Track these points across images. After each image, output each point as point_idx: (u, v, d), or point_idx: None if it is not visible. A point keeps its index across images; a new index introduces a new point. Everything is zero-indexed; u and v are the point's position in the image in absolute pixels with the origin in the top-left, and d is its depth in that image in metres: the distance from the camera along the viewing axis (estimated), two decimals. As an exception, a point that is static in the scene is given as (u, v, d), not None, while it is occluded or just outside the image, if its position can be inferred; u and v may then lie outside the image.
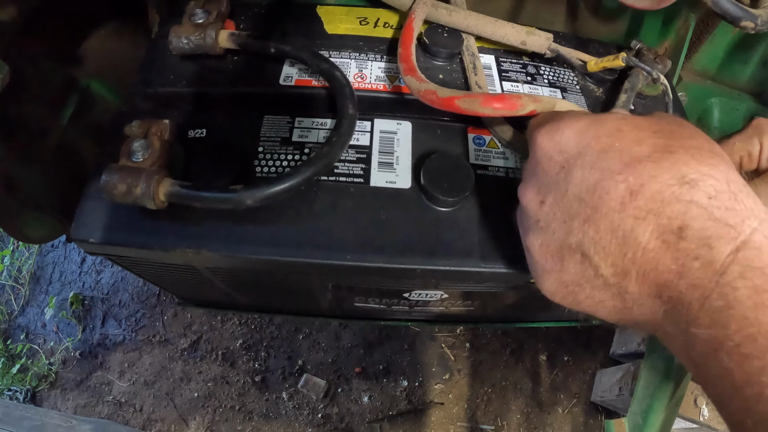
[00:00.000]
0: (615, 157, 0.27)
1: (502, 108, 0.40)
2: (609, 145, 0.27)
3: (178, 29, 0.47)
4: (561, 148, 0.29)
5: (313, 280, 0.55)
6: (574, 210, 0.28)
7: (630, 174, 0.26)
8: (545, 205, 0.30)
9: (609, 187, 0.26)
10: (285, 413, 1.34)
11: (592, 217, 0.27)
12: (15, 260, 1.62)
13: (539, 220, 0.31)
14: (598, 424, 1.32)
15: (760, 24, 0.43)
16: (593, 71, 0.51)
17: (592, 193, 0.27)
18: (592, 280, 0.28)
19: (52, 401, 1.42)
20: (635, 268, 0.26)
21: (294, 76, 0.48)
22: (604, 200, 0.26)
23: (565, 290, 0.31)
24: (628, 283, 0.26)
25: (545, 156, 0.30)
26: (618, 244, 0.26)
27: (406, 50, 0.46)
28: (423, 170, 0.43)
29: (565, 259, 0.29)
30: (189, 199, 0.38)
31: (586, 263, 0.28)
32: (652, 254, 0.25)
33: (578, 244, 0.28)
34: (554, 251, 0.30)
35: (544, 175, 0.30)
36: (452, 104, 0.41)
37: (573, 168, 0.28)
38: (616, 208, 0.26)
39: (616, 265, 0.27)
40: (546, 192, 0.30)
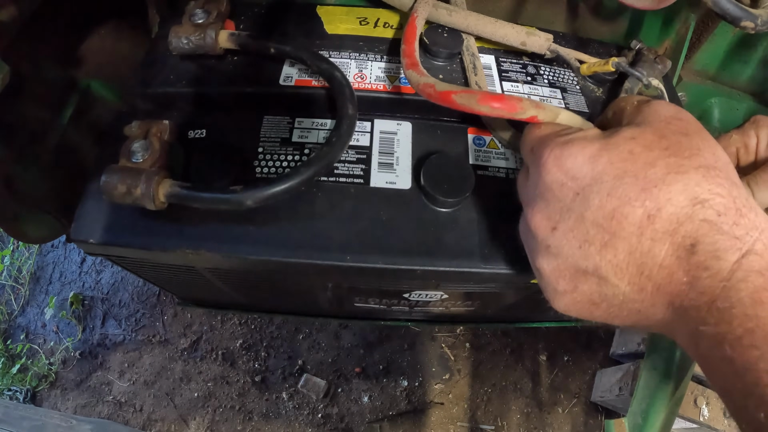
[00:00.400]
0: (631, 183, 0.28)
1: (501, 108, 0.39)
2: (623, 170, 0.28)
3: (178, 29, 0.47)
4: (574, 174, 0.30)
5: (313, 281, 0.55)
6: (591, 236, 0.29)
7: (647, 199, 0.27)
8: (558, 231, 0.31)
9: (627, 213, 0.28)
10: (285, 413, 1.34)
11: (611, 242, 0.28)
12: (15, 260, 1.62)
13: (550, 245, 0.31)
14: (598, 424, 1.32)
15: (760, 24, 0.43)
16: (585, 75, 0.51)
17: (611, 220, 0.28)
18: (610, 299, 0.30)
19: (52, 401, 1.42)
20: (651, 284, 0.28)
21: (294, 76, 0.48)
22: (623, 225, 0.28)
23: (579, 308, 0.32)
24: (644, 296, 0.29)
25: (556, 182, 0.31)
26: (636, 264, 0.28)
27: (410, 46, 0.46)
28: (423, 171, 0.43)
29: (579, 282, 0.31)
30: (189, 199, 0.38)
31: (604, 285, 0.30)
32: (666, 270, 0.27)
33: (595, 268, 0.29)
34: (567, 275, 0.31)
35: (556, 201, 0.31)
36: (449, 99, 0.40)
37: (589, 195, 0.29)
38: (635, 232, 0.28)
39: (633, 283, 0.28)
40: (558, 218, 0.31)
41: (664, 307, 0.28)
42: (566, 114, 0.40)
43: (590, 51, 0.52)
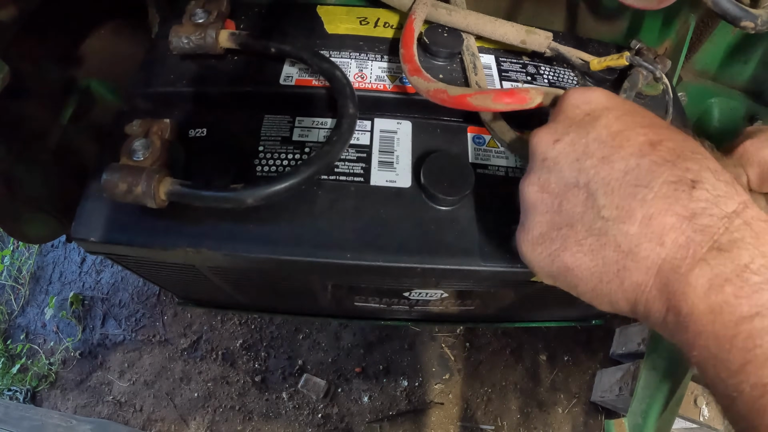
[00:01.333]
0: (639, 119, 0.29)
1: (513, 102, 0.41)
2: (635, 110, 0.30)
3: (178, 29, 0.47)
4: (590, 100, 0.32)
5: (314, 280, 0.55)
6: (591, 149, 0.29)
7: (651, 131, 0.28)
8: (559, 143, 0.31)
9: (631, 136, 0.28)
10: (285, 413, 1.34)
11: (609, 157, 0.28)
12: (15, 260, 1.62)
13: (547, 158, 0.31)
14: (598, 424, 1.32)
15: (760, 24, 0.43)
16: (596, 70, 0.51)
17: (614, 137, 0.29)
18: (591, 222, 0.28)
19: (52, 401, 1.42)
20: (642, 210, 0.26)
21: (294, 75, 0.48)
22: (624, 145, 0.28)
23: (552, 238, 0.30)
24: (630, 226, 0.27)
25: (572, 105, 0.32)
26: (629, 185, 0.27)
27: (409, 51, 0.46)
28: (423, 169, 0.43)
29: (565, 198, 0.30)
30: (189, 198, 0.38)
31: (590, 202, 0.28)
32: (663, 199, 0.26)
33: (586, 182, 0.29)
34: (555, 189, 0.30)
35: (566, 119, 0.32)
36: (464, 102, 0.41)
37: (599, 116, 0.30)
38: (636, 152, 0.28)
39: (621, 207, 0.27)
40: (564, 133, 0.31)
41: (653, 244, 0.26)
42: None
43: (590, 51, 0.53)
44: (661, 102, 0.52)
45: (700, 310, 0.24)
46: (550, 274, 0.31)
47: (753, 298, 0.23)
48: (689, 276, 0.25)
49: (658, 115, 0.50)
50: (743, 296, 0.23)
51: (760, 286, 0.23)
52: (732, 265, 0.24)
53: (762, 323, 0.22)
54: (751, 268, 0.23)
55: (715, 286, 0.24)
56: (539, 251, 0.31)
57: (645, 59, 0.49)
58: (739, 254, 0.24)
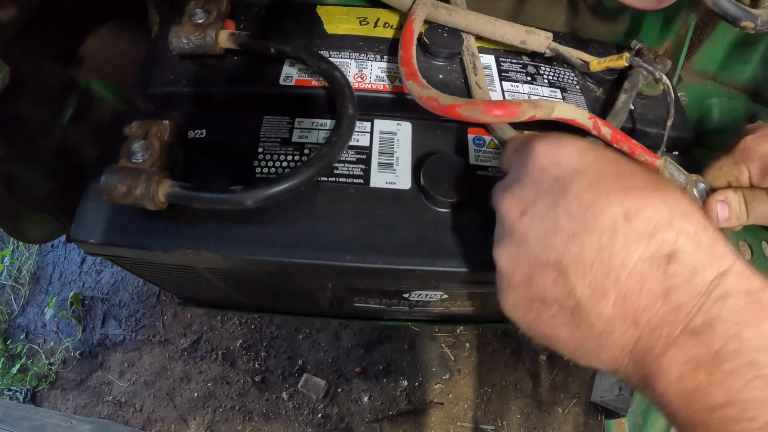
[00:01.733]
0: (614, 181, 0.27)
1: (503, 115, 0.40)
2: (608, 170, 0.28)
3: (178, 29, 0.47)
4: (560, 160, 0.29)
5: (313, 281, 0.55)
6: (560, 225, 0.27)
7: (626, 199, 0.26)
8: (526, 216, 0.29)
9: (604, 207, 0.26)
10: (285, 413, 1.34)
11: (579, 234, 0.26)
12: (15, 260, 1.62)
13: (515, 231, 0.29)
14: (598, 424, 1.32)
15: (760, 24, 0.43)
16: (596, 71, 0.51)
17: (585, 211, 0.26)
18: (563, 300, 0.27)
19: (52, 401, 1.42)
20: (615, 290, 0.25)
21: (294, 76, 0.48)
22: (597, 219, 0.26)
23: (527, 309, 0.30)
24: (603, 306, 0.26)
25: (539, 167, 0.29)
26: (601, 264, 0.26)
27: (407, 53, 0.46)
28: (423, 171, 0.43)
29: (535, 276, 0.28)
30: (189, 199, 0.38)
31: (561, 282, 0.27)
32: (637, 278, 0.25)
33: (556, 261, 0.27)
34: (525, 265, 0.29)
35: (533, 185, 0.29)
36: (453, 111, 0.41)
37: (569, 183, 0.27)
38: (609, 228, 0.26)
39: (594, 286, 0.26)
40: (530, 203, 0.29)
41: (625, 324, 0.26)
42: (561, 106, 0.40)
43: (590, 51, 0.52)
44: (662, 102, 0.52)
45: (674, 394, 0.24)
46: (530, 336, 0.31)
47: (724, 386, 0.23)
48: (662, 359, 0.25)
49: (659, 116, 0.50)
50: (715, 383, 0.23)
51: (732, 372, 0.22)
52: (704, 349, 0.23)
53: (734, 411, 0.22)
54: (723, 354, 0.23)
55: (687, 373, 0.24)
56: (517, 316, 0.31)
57: (645, 59, 0.49)
58: (711, 338, 0.23)
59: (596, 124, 0.43)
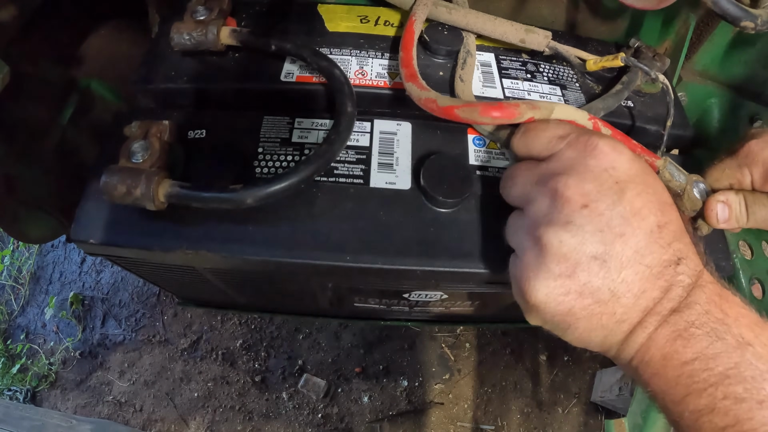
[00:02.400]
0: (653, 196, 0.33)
1: (501, 117, 0.40)
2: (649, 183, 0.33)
3: (179, 25, 0.47)
4: (619, 165, 0.33)
5: (313, 281, 0.55)
6: (613, 224, 0.31)
7: (660, 212, 0.32)
8: (587, 210, 0.32)
9: (646, 216, 0.32)
10: (285, 413, 1.34)
11: (626, 234, 0.31)
12: (15, 260, 1.62)
13: (573, 221, 0.32)
14: (598, 424, 1.32)
15: (760, 24, 0.43)
16: (592, 70, 0.51)
17: (633, 216, 0.31)
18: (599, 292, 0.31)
19: (52, 401, 1.42)
20: (639, 286, 0.31)
21: (295, 72, 0.48)
22: (641, 225, 0.31)
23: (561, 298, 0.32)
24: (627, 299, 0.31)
25: (602, 167, 0.33)
26: (637, 263, 0.31)
27: (408, 54, 0.46)
28: (423, 171, 0.43)
29: (580, 267, 0.31)
30: (189, 199, 0.38)
31: (602, 275, 0.31)
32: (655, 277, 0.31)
33: (603, 254, 0.31)
34: (573, 256, 0.31)
35: (595, 182, 0.32)
36: (452, 113, 0.41)
37: (625, 188, 0.32)
38: (646, 234, 0.31)
39: (626, 281, 0.31)
40: (593, 199, 0.32)
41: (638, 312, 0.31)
42: (561, 107, 0.40)
43: (589, 50, 0.52)
44: (661, 99, 0.52)
45: (657, 358, 0.31)
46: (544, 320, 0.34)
47: (694, 346, 0.30)
48: (654, 334, 0.31)
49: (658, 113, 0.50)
50: (688, 346, 0.30)
51: (700, 337, 0.30)
52: (683, 322, 0.30)
53: (700, 365, 0.29)
54: (695, 323, 0.30)
55: (670, 340, 0.30)
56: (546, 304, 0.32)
57: (643, 58, 0.49)
58: (689, 314, 0.30)
59: (596, 125, 0.43)
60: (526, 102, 0.40)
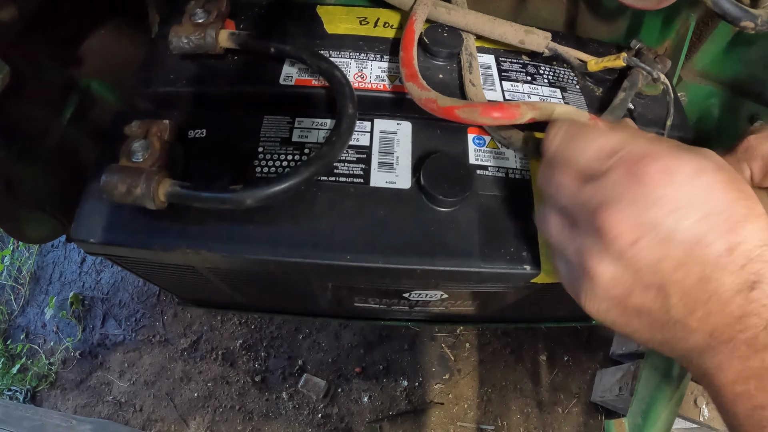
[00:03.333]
0: (719, 217, 0.29)
1: (502, 117, 0.40)
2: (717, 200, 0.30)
3: (178, 29, 0.47)
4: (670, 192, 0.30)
5: (313, 281, 0.55)
6: (672, 254, 0.29)
7: (730, 233, 0.29)
8: (639, 245, 0.30)
9: (711, 242, 0.29)
10: (285, 413, 1.34)
11: (687, 264, 0.29)
12: (15, 260, 1.62)
13: (624, 255, 0.30)
14: (598, 424, 1.32)
15: (760, 24, 0.43)
16: (594, 71, 0.51)
17: (695, 244, 0.29)
18: (657, 315, 0.31)
19: (52, 401, 1.42)
20: (703, 310, 0.29)
21: (294, 75, 0.48)
22: (704, 253, 0.29)
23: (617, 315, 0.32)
24: (690, 321, 0.30)
25: (655, 195, 0.30)
26: (699, 290, 0.29)
27: (408, 54, 0.46)
28: (423, 170, 0.43)
29: (635, 293, 0.31)
30: (189, 199, 0.38)
31: (660, 300, 0.30)
32: (723, 301, 0.28)
33: (661, 284, 0.30)
34: (628, 284, 0.31)
35: (646, 212, 0.30)
36: (452, 113, 0.42)
37: (684, 216, 0.29)
38: (712, 261, 0.29)
39: (688, 307, 0.29)
40: (646, 231, 0.30)
41: (704, 335, 0.29)
42: (561, 108, 0.41)
43: (589, 51, 0.52)
44: (662, 101, 0.52)
45: (727, 392, 0.29)
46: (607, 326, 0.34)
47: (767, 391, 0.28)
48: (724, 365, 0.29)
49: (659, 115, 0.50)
50: (762, 389, 0.28)
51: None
52: (759, 363, 0.28)
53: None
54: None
55: (741, 379, 0.28)
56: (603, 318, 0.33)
57: (644, 59, 0.49)
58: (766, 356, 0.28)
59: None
60: (527, 103, 0.41)
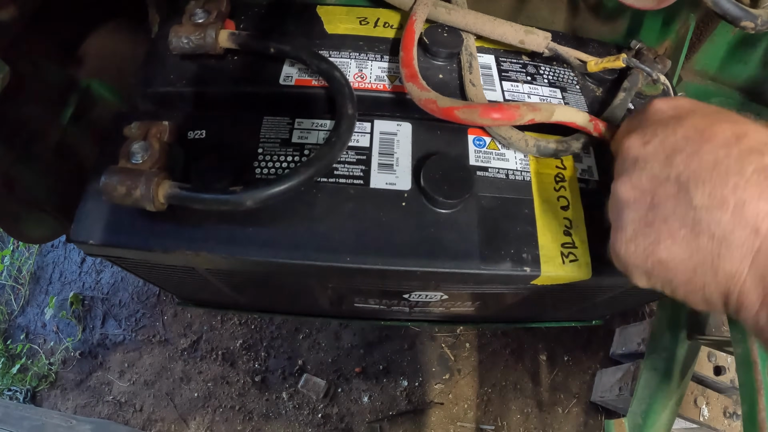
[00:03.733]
0: (723, 116, 0.31)
1: (501, 118, 0.40)
2: (717, 110, 0.32)
3: (178, 29, 0.47)
4: (676, 105, 0.34)
5: (313, 282, 0.55)
6: (680, 146, 0.30)
7: (736, 126, 0.30)
8: (650, 145, 0.32)
9: (717, 131, 0.29)
10: (285, 413, 1.34)
11: (698, 151, 0.29)
12: (15, 260, 1.61)
13: (638, 159, 0.32)
14: (598, 424, 1.32)
15: (760, 24, 0.43)
16: (593, 71, 0.51)
17: (702, 133, 0.30)
18: (683, 213, 0.29)
19: (52, 401, 1.42)
20: (735, 197, 0.27)
21: (294, 75, 0.48)
22: (712, 140, 0.29)
23: (646, 233, 0.31)
24: (722, 214, 0.27)
25: (657, 110, 0.34)
26: (720, 174, 0.28)
27: (408, 55, 0.46)
28: (423, 172, 0.43)
29: (656, 193, 0.31)
30: (188, 200, 0.38)
31: (681, 195, 0.29)
32: (754, 186, 0.27)
33: (677, 176, 0.30)
34: (647, 186, 0.31)
35: (653, 123, 0.33)
36: (452, 114, 0.42)
37: (686, 117, 0.32)
38: (723, 144, 0.29)
39: (713, 195, 0.28)
40: (652, 135, 0.32)
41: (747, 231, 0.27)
42: (561, 109, 0.41)
43: (589, 51, 0.52)
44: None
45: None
46: (645, 271, 0.32)
47: None
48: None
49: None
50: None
51: None
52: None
53: None
54: None
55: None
56: (633, 249, 0.32)
57: (644, 60, 0.49)
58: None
59: (597, 126, 0.44)
60: (527, 104, 0.41)
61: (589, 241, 0.43)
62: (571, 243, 0.43)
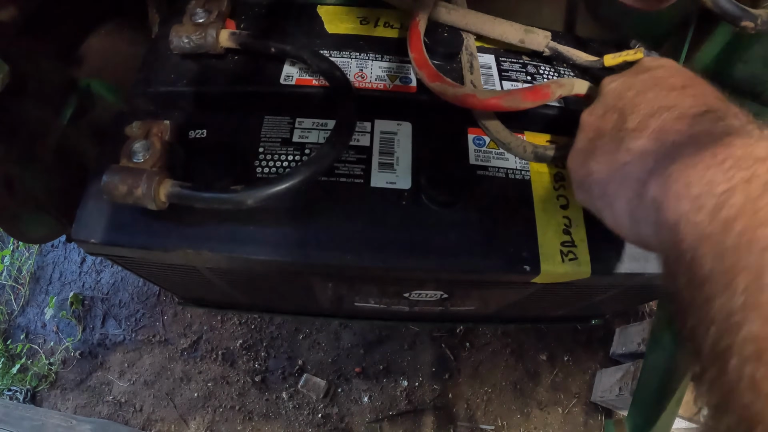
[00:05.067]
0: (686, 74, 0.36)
1: (538, 98, 0.43)
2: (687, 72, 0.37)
3: (178, 28, 0.47)
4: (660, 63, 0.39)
5: (314, 281, 0.55)
6: (635, 85, 0.36)
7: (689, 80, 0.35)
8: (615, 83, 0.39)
9: (669, 80, 0.35)
10: (285, 413, 1.34)
11: (645, 91, 0.35)
12: (15, 260, 1.61)
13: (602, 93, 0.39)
14: (598, 424, 1.32)
15: (760, 24, 0.43)
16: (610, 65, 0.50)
17: (656, 80, 0.36)
18: (615, 133, 0.35)
19: (52, 401, 1.42)
20: (656, 124, 0.32)
21: (295, 75, 0.48)
22: (660, 84, 0.35)
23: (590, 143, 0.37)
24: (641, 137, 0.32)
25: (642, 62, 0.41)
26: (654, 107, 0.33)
27: (420, 55, 0.46)
28: (423, 171, 0.43)
29: (603, 118, 0.37)
30: (190, 199, 0.38)
31: (620, 119, 0.35)
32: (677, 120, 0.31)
33: (622, 107, 0.36)
34: (599, 112, 0.38)
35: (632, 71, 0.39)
36: (497, 104, 0.43)
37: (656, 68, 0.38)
38: (667, 88, 0.34)
39: (641, 122, 0.33)
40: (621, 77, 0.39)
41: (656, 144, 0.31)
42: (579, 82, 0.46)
43: (589, 50, 0.52)
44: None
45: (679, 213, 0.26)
46: (580, 184, 0.37)
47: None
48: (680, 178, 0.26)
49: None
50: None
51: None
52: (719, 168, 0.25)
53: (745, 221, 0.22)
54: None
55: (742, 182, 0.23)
56: (576, 160, 0.38)
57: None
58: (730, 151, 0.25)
59: None
60: (554, 81, 0.44)
61: (589, 239, 0.44)
62: (571, 242, 0.43)
